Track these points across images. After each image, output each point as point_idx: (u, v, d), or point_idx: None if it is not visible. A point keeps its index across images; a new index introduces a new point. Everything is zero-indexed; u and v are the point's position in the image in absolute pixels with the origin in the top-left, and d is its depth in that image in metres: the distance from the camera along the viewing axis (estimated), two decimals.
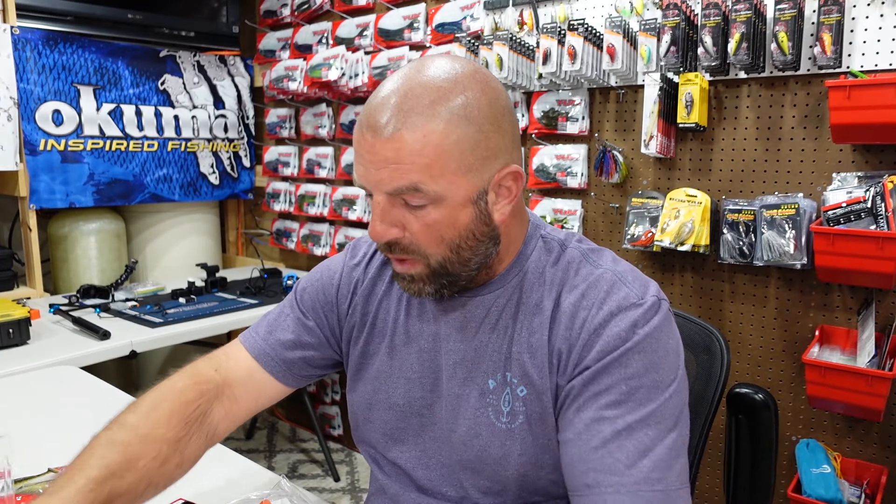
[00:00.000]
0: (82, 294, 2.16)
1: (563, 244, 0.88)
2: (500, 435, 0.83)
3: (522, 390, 0.82)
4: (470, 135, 0.75)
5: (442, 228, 0.77)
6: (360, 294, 0.96)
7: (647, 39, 1.69)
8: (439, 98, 0.74)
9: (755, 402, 1.01)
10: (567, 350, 0.79)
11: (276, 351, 0.96)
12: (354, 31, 2.48)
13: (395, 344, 0.92)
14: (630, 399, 0.75)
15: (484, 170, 0.77)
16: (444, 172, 0.74)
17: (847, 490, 1.48)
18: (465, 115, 0.74)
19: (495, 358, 0.84)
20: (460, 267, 0.81)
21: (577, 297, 0.81)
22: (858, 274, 1.40)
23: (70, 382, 1.44)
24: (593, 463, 0.74)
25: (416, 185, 0.74)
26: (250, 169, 2.99)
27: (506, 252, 0.86)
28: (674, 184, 1.78)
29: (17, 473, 0.99)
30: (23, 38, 2.21)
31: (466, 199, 0.77)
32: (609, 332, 0.77)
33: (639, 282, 0.82)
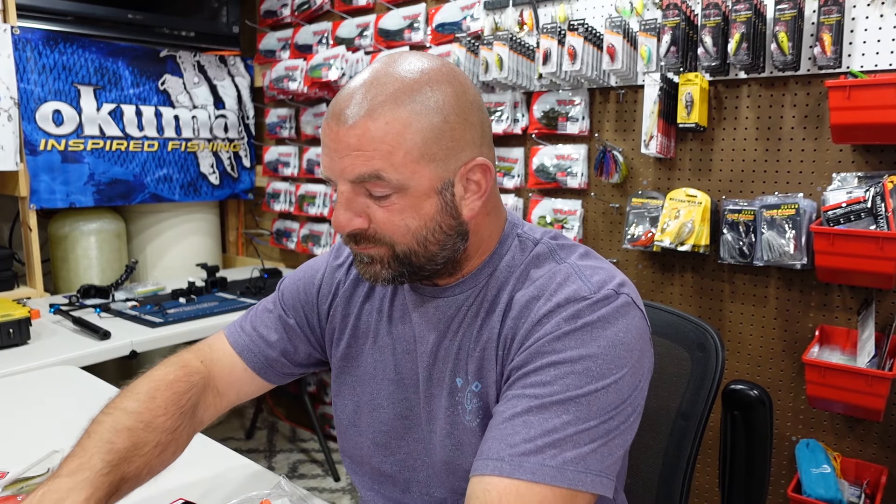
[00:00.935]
0: (82, 294, 2.16)
1: (536, 242, 0.87)
2: (468, 433, 0.82)
3: (477, 385, 0.82)
4: (434, 124, 0.74)
5: (407, 218, 0.77)
6: (342, 296, 0.96)
7: (647, 39, 1.69)
8: (403, 88, 0.74)
9: (750, 398, 1.02)
10: (511, 338, 0.79)
11: (258, 347, 0.97)
12: (354, 31, 2.48)
13: (379, 346, 0.91)
14: (555, 381, 0.72)
15: (449, 161, 0.76)
16: (406, 161, 0.74)
17: (847, 490, 1.48)
18: (428, 105, 0.74)
19: (461, 356, 0.84)
20: (425, 260, 0.80)
21: (532, 290, 0.80)
22: (858, 274, 1.40)
23: (70, 382, 1.44)
24: (495, 432, 0.72)
25: (378, 172, 0.73)
26: (250, 169, 2.99)
27: (476, 250, 0.85)
28: (674, 184, 1.78)
29: (17, 473, 0.99)
30: (23, 38, 2.21)
31: (430, 188, 0.76)
32: (551, 320, 0.76)
33: (598, 276, 0.79)
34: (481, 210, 0.82)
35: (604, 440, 0.72)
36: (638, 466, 1.14)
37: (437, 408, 0.86)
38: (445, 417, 0.84)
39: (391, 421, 0.90)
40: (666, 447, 1.08)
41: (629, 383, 0.75)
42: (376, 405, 0.91)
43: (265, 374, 0.98)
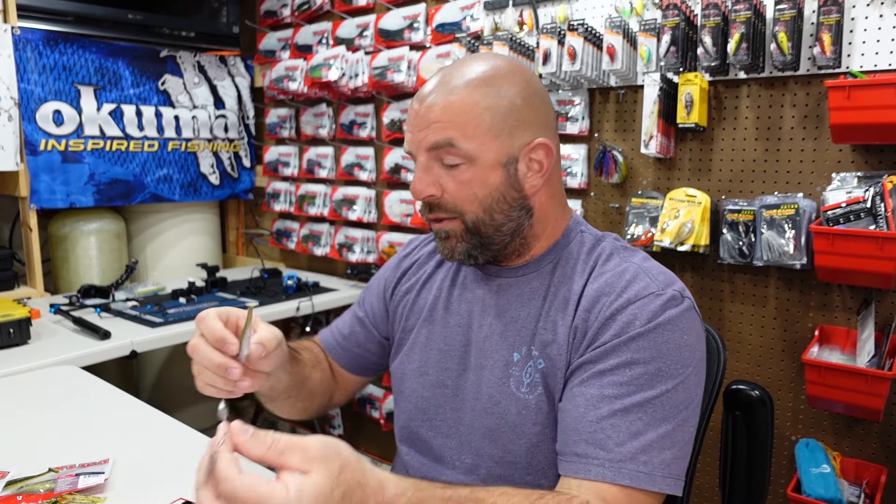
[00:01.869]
0: (83, 294, 2.16)
1: (599, 239, 0.95)
2: (518, 403, 0.89)
3: (541, 363, 0.88)
4: (500, 104, 0.86)
5: (475, 187, 0.87)
6: (406, 279, 1.09)
7: (646, 39, 1.69)
8: (475, 75, 0.87)
9: (752, 398, 1.02)
10: (583, 330, 0.85)
11: (335, 338, 1.15)
12: (354, 31, 2.48)
13: (434, 318, 1.01)
14: (632, 382, 0.79)
15: (513, 137, 0.87)
16: (475, 133, 0.85)
17: (847, 490, 1.48)
18: (496, 88, 0.86)
19: (523, 333, 0.91)
20: (493, 230, 0.89)
21: (601, 284, 0.87)
22: (858, 274, 1.40)
23: (70, 382, 1.44)
24: (586, 435, 0.79)
25: (451, 140, 0.85)
26: (250, 169, 2.99)
27: (542, 232, 0.94)
28: (673, 184, 1.78)
29: (17, 473, 0.99)
30: (23, 39, 2.21)
31: (496, 161, 0.87)
32: (623, 316, 0.82)
33: (663, 276, 0.87)
34: (545, 191, 0.92)
35: (681, 442, 0.80)
36: None
37: (486, 378, 0.93)
38: (495, 387, 0.91)
39: (433, 387, 0.99)
40: None
41: (695, 382, 0.83)
42: (422, 372, 1.00)
43: (339, 360, 1.14)
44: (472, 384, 0.94)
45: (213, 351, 0.79)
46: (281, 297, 2.25)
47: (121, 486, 0.97)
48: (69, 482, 0.95)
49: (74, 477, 0.96)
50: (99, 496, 0.93)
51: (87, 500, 0.92)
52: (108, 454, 1.04)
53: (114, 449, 1.07)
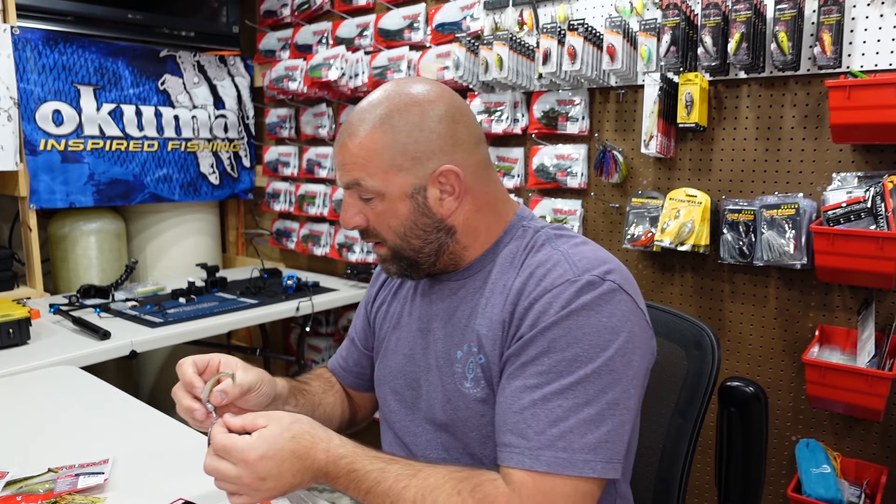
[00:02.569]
0: (82, 294, 2.16)
1: (537, 230, 0.97)
2: (465, 398, 0.94)
3: (481, 358, 0.92)
4: (398, 140, 0.90)
5: (388, 218, 0.93)
6: (382, 290, 1.15)
7: (647, 39, 1.69)
8: (374, 115, 0.91)
9: (746, 394, 1.03)
10: (509, 323, 0.89)
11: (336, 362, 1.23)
12: (354, 31, 2.48)
13: (400, 326, 1.07)
14: (551, 370, 0.82)
15: (416, 168, 0.91)
16: (377, 171, 0.91)
17: (847, 490, 1.48)
18: (392, 125, 0.90)
19: (465, 331, 0.95)
20: (413, 253, 0.96)
21: (526, 276, 0.90)
22: (858, 274, 1.40)
23: (70, 382, 1.44)
24: (510, 425, 0.83)
25: (357, 180, 0.92)
26: (250, 169, 2.99)
27: (472, 242, 0.97)
28: (674, 184, 1.78)
29: (17, 473, 0.99)
30: (23, 38, 2.21)
31: (402, 193, 0.92)
32: (539, 306, 0.85)
33: (584, 262, 0.88)
34: (468, 206, 0.95)
35: (610, 425, 0.81)
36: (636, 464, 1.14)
37: (441, 378, 0.97)
38: (447, 385, 0.96)
39: (403, 390, 1.04)
40: (664, 444, 1.09)
41: (623, 363, 0.83)
42: (394, 377, 1.06)
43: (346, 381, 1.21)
44: (431, 385, 0.99)
45: (184, 394, 0.93)
46: (281, 297, 2.24)
47: (120, 486, 0.97)
48: (69, 482, 0.95)
49: (74, 477, 0.96)
50: (99, 496, 0.93)
51: (86, 500, 0.92)
52: (107, 454, 1.04)
53: (113, 449, 1.06)
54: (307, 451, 0.82)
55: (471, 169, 0.94)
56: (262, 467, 0.79)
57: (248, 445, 0.80)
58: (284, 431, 0.82)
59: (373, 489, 0.82)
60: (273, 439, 0.81)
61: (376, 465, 0.83)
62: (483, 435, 0.93)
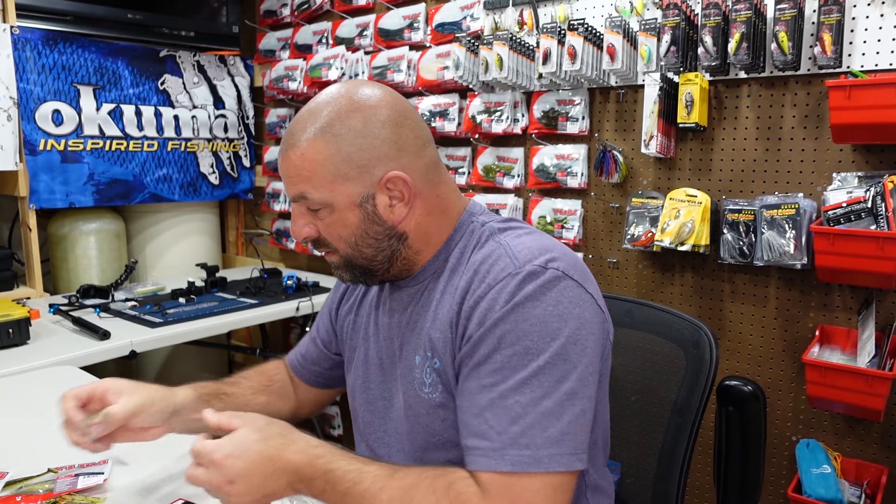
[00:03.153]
0: (82, 294, 2.16)
1: (482, 225, 0.95)
2: (425, 404, 0.92)
3: (437, 363, 0.91)
4: (342, 150, 0.87)
5: (337, 229, 0.91)
6: (346, 297, 1.14)
7: (647, 39, 1.69)
8: (316, 124, 0.88)
9: (744, 393, 1.03)
10: (456, 323, 0.88)
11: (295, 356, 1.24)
12: (354, 31, 2.48)
13: (367, 335, 1.05)
14: (504, 367, 0.81)
15: (361, 178, 0.88)
16: (322, 182, 0.87)
17: (847, 490, 1.48)
18: (334, 134, 0.87)
19: (420, 337, 0.94)
20: (365, 262, 0.93)
21: (470, 274, 0.89)
22: (859, 274, 1.40)
23: (70, 382, 1.43)
24: (473, 428, 0.82)
25: (303, 193, 0.89)
26: (250, 169, 2.98)
27: (424, 246, 0.95)
28: (674, 184, 1.78)
29: (17, 474, 0.98)
30: (23, 38, 2.21)
31: (350, 203, 0.89)
32: (484, 303, 0.84)
33: (525, 252, 0.86)
34: (418, 211, 0.92)
35: (570, 415, 0.80)
36: (634, 463, 1.14)
37: (403, 386, 0.96)
38: (408, 393, 0.95)
39: (375, 401, 1.03)
40: (662, 444, 1.09)
41: (577, 351, 0.81)
42: (365, 388, 1.05)
43: (301, 376, 1.21)
44: (396, 394, 0.99)
45: (69, 431, 0.94)
46: (281, 297, 2.24)
47: (120, 486, 0.97)
48: (68, 482, 0.95)
49: (74, 477, 0.96)
50: (98, 496, 0.93)
51: (86, 500, 0.92)
52: (107, 454, 1.03)
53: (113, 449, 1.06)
54: (278, 452, 0.81)
55: (419, 173, 0.91)
56: (228, 467, 0.78)
57: (216, 446, 0.80)
58: (254, 433, 0.82)
59: (350, 490, 0.81)
60: (241, 440, 0.81)
61: (354, 465, 0.82)
62: (445, 440, 0.92)
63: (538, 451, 0.78)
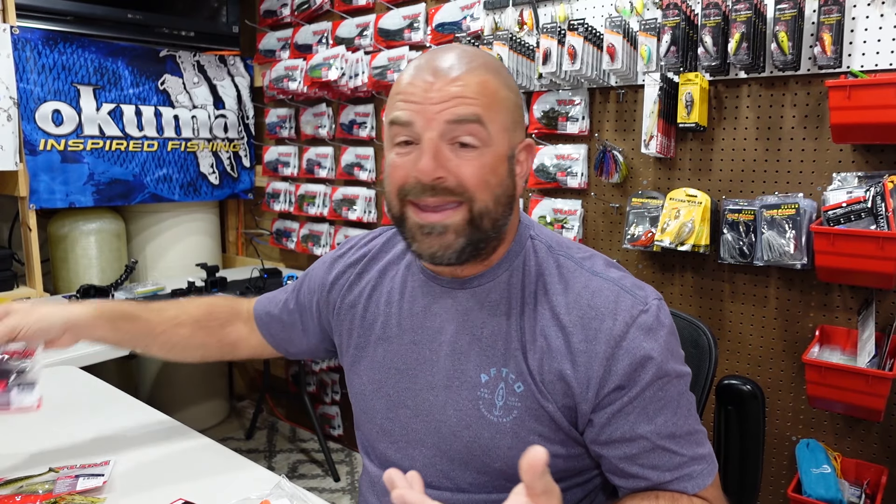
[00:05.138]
0: (82, 294, 2.16)
1: (551, 248, 0.90)
2: (491, 427, 0.85)
3: (520, 386, 0.84)
4: (511, 98, 0.84)
5: (487, 173, 0.80)
6: (346, 286, 1.02)
7: (647, 39, 1.69)
8: (490, 62, 0.83)
9: (743, 392, 1.03)
10: (587, 363, 0.81)
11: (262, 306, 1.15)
12: (354, 30, 2.48)
13: (388, 335, 0.95)
14: (670, 401, 0.82)
15: (515, 133, 0.84)
16: (496, 118, 0.80)
17: (847, 490, 1.48)
18: (509, 82, 0.84)
19: (489, 353, 0.86)
20: (491, 225, 0.82)
21: (584, 308, 0.83)
22: (859, 274, 1.40)
23: (70, 382, 1.44)
24: (645, 460, 0.81)
25: (479, 116, 0.78)
26: (250, 169, 2.98)
27: (506, 237, 0.88)
28: (674, 184, 1.78)
29: (17, 473, 0.99)
30: (23, 38, 2.21)
31: (504, 153, 0.82)
32: (629, 343, 0.80)
33: (635, 286, 0.86)
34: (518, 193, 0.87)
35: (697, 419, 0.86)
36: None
37: (453, 400, 0.88)
38: (464, 410, 0.86)
39: (396, 408, 0.93)
40: None
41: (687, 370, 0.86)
42: (383, 393, 0.95)
43: (262, 331, 1.14)
44: (435, 405, 0.89)
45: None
46: None
47: (120, 486, 0.97)
48: (68, 483, 0.95)
49: (74, 478, 0.96)
50: (98, 497, 0.93)
51: (86, 500, 0.92)
52: (107, 454, 1.04)
53: (113, 449, 1.06)
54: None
55: None
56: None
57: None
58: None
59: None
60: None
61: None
62: (507, 464, 0.84)
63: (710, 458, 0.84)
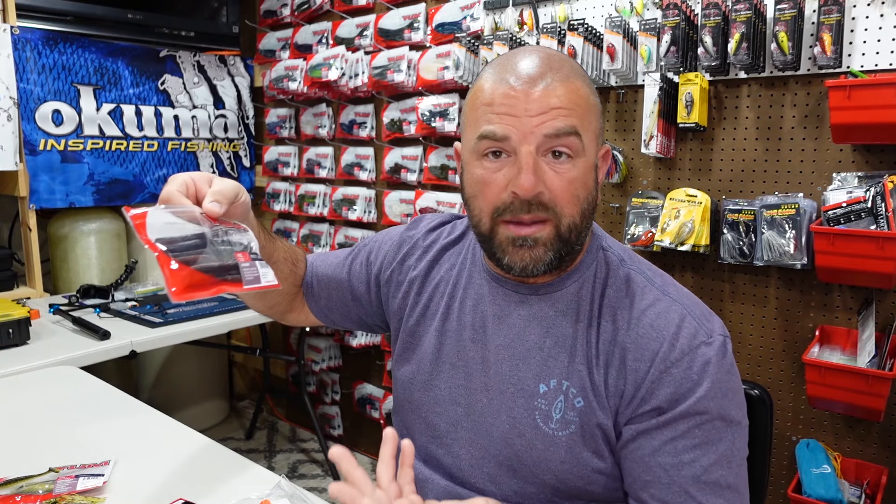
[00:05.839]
0: (82, 294, 2.16)
1: (622, 261, 0.87)
2: (545, 439, 0.83)
3: (580, 401, 0.82)
4: (598, 105, 0.80)
5: (578, 188, 0.78)
6: (417, 271, 0.99)
7: (647, 39, 1.69)
8: (576, 65, 0.80)
9: (751, 397, 1.03)
10: (635, 381, 0.79)
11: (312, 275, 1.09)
12: (354, 30, 2.48)
13: (446, 329, 0.93)
14: (705, 442, 0.77)
15: (599, 140, 0.81)
16: (589, 127, 0.78)
17: (847, 490, 1.48)
18: (592, 87, 0.81)
19: (550, 364, 0.84)
20: (576, 238, 0.80)
21: (646, 327, 0.80)
22: (858, 274, 1.40)
23: (70, 382, 1.44)
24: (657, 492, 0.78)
25: (577, 128, 0.76)
26: (250, 169, 2.99)
27: (583, 246, 0.85)
28: (674, 184, 1.78)
29: (17, 473, 0.99)
30: (23, 38, 2.21)
31: (593, 162, 0.80)
32: (680, 371, 0.77)
33: (704, 315, 0.82)
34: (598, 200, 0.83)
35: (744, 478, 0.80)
36: None
37: (507, 406, 0.86)
38: (518, 418, 0.85)
39: (445, 404, 0.92)
40: None
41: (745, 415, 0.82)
42: (432, 386, 0.93)
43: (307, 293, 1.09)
44: (489, 408, 0.87)
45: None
46: None
47: (120, 486, 0.97)
48: (68, 483, 0.95)
49: (74, 479, 0.96)
50: (98, 497, 0.93)
51: (86, 500, 0.92)
52: (107, 454, 1.03)
53: (113, 449, 1.06)
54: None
55: None
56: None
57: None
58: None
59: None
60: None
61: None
62: (558, 478, 0.83)
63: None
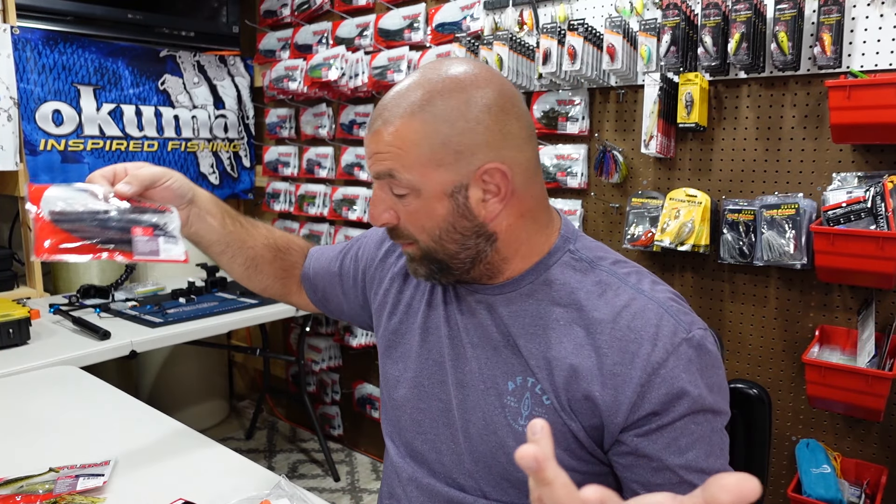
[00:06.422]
0: (82, 294, 2.16)
1: (593, 263, 0.87)
2: (517, 437, 0.84)
3: (548, 399, 0.82)
4: (440, 131, 0.79)
5: (421, 218, 0.83)
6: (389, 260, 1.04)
7: (647, 39, 1.69)
8: (412, 100, 0.80)
9: (750, 396, 1.03)
10: (619, 386, 0.79)
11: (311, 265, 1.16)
12: (354, 31, 2.48)
13: (428, 327, 0.96)
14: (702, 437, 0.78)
15: (459, 164, 0.80)
16: (415, 164, 0.80)
17: (847, 490, 1.48)
18: (437, 114, 0.79)
19: (514, 362, 0.85)
20: (447, 258, 0.85)
21: (623, 329, 0.80)
22: (858, 274, 1.40)
23: (70, 382, 1.44)
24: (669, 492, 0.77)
25: (391, 171, 0.81)
26: (250, 169, 2.99)
27: (513, 254, 0.87)
28: (674, 184, 1.78)
29: (17, 473, 0.99)
30: (23, 38, 2.21)
31: (441, 191, 0.81)
32: (668, 371, 0.77)
33: (681, 311, 0.82)
34: (512, 211, 0.84)
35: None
36: None
37: (480, 402, 0.88)
38: (490, 415, 0.86)
39: (428, 400, 0.94)
40: None
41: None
42: (417, 382, 0.96)
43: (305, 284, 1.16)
44: (464, 405, 0.90)
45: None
46: None
47: (120, 486, 0.97)
48: (68, 484, 0.95)
49: (74, 479, 0.96)
50: (98, 497, 0.93)
51: (86, 500, 0.92)
52: (107, 454, 1.03)
53: (113, 449, 1.06)
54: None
55: (520, 168, 0.82)
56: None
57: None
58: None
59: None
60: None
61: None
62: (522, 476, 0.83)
63: None
